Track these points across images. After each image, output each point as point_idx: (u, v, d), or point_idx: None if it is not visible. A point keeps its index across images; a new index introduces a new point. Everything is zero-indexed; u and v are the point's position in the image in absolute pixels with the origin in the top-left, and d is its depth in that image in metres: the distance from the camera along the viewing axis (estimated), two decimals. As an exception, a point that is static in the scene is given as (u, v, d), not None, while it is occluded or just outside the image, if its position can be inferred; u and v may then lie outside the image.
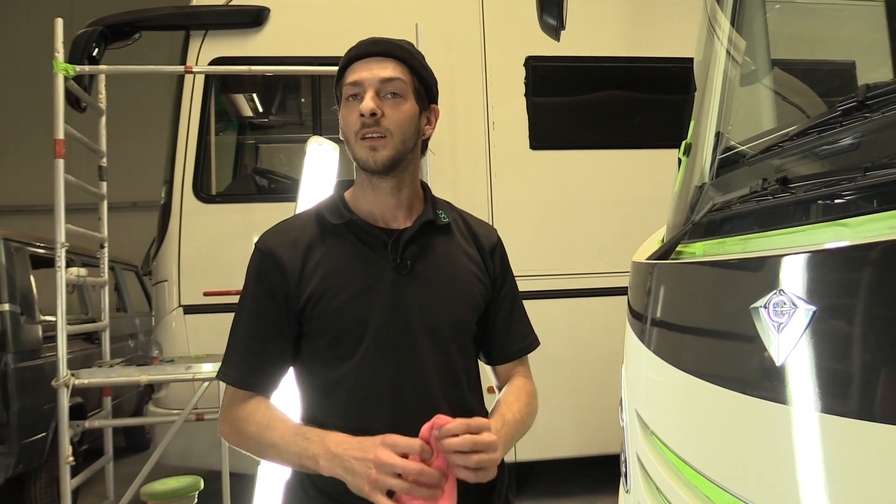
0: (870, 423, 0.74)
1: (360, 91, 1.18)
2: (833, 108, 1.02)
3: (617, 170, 4.28)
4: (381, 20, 4.17)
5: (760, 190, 1.14)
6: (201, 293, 3.88)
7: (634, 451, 1.56)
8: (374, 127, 1.17)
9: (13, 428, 3.74)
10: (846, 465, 0.77)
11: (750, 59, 1.74)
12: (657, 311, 1.46)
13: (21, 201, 9.59)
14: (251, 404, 1.20)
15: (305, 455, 1.11)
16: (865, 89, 0.95)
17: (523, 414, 1.26)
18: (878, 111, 0.95)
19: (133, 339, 6.17)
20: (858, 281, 0.81)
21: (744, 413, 0.99)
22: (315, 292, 1.18)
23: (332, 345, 1.19)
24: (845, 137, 1.01)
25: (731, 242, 1.21)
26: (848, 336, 0.80)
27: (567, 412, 4.08)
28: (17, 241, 4.19)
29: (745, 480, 0.97)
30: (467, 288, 1.26)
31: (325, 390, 1.21)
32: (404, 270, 1.20)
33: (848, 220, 0.88)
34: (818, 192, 0.99)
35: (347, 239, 1.22)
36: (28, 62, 9.45)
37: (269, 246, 1.22)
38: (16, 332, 3.88)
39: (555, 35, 2.04)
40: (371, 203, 1.25)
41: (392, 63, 1.20)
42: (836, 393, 0.80)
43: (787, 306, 0.89)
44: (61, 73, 3.25)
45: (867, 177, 0.90)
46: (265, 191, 4.47)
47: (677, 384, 1.26)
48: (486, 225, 1.40)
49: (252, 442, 1.18)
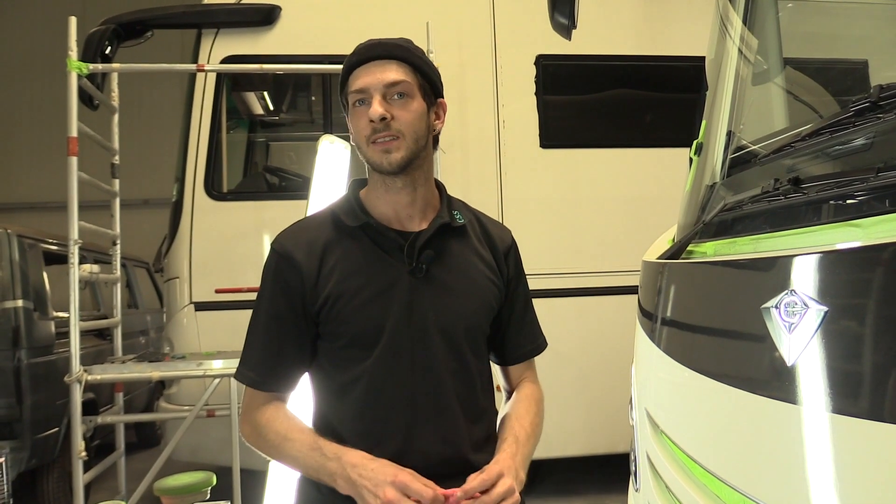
0: (880, 423, 0.74)
1: (367, 97, 1.18)
2: (846, 108, 1.02)
3: (627, 168, 4.27)
4: (392, 18, 4.17)
5: (772, 190, 1.14)
6: (212, 290, 3.90)
7: (644, 450, 1.56)
8: (386, 131, 1.17)
9: (26, 423, 3.78)
10: (855, 464, 0.77)
11: (762, 57, 1.74)
12: (667, 311, 1.46)
13: (34, 198, 9.66)
14: (270, 410, 1.22)
15: (323, 472, 1.13)
16: (879, 90, 0.95)
17: (534, 426, 1.28)
18: (892, 112, 0.95)
19: (144, 335, 6.21)
20: (870, 281, 0.81)
21: (754, 413, 0.99)
22: (332, 295, 1.19)
23: (348, 347, 1.20)
24: (858, 138, 1.01)
25: (742, 242, 1.20)
26: (859, 337, 0.80)
27: (576, 411, 4.08)
28: (30, 238, 4.23)
29: (755, 480, 0.97)
30: (481, 291, 1.27)
31: (339, 392, 1.22)
32: (420, 274, 1.21)
33: (860, 221, 0.88)
34: (830, 193, 0.99)
35: (363, 241, 1.23)
36: (41, 60, 9.54)
37: (286, 247, 1.23)
38: (29, 329, 3.92)
39: (566, 34, 2.04)
40: (385, 203, 1.25)
41: (394, 64, 1.20)
42: (846, 393, 0.80)
43: (798, 306, 0.89)
44: (75, 71, 3.28)
45: (880, 177, 0.90)
46: (276, 188, 4.49)
47: (688, 383, 1.26)
48: (501, 226, 1.40)
49: (273, 450, 1.21)
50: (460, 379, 1.19)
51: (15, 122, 10.11)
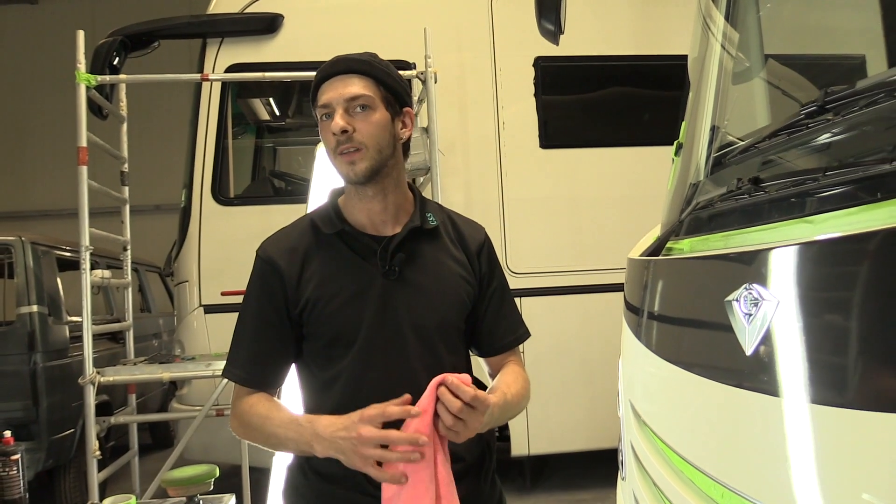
0: (829, 407, 0.78)
1: (331, 111, 1.25)
2: (797, 112, 1.07)
3: (625, 167, 4.31)
4: (390, 24, 4.23)
5: (736, 190, 1.19)
6: (220, 293, 3.97)
7: (629, 441, 1.60)
8: (348, 143, 1.24)
9: (43, 424, 3.89)
10: (806, 446, 0.81)
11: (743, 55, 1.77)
12: (647, 305, 1.50)
13: (45, 206, 9.78)
14: (253, 398, 1.29)
15: (301, 441, 1.19)
16: (824, 94, 1.00)
17: (520, 397, 1.33)
18: (839, 115, 0.99)
19: (157, 338, 6.31)
20: (820, 274, 0.85)
21: (721, 402, 1.03)
22: (311, 298, 1.27)
23: (328, 346, 1.28)
24: (809, 140, 1.06)
25: (713, 239, 1.24)
26: (809, 327, 0.84)
27: (580, 406, 4.12)
28: (44, 245, 4.33)
29: (726, 466, 1.01)
30: (453, 290, 1.33)
31: (321, 388, 1.30)
32: (393, 276, 1.27)
33: (812, 217, 0.92)
34: (786, 192, 1.03)
35: (340, 248, 1.30)
36: (52, 71, 9.67)
37: (269, 254, 1.31)
38: (44, 333, 4.03)
39: (554, 40, 2.09)
40: (360, 211, 1.32)
41: (356, 78, 1.26)
42: (799, 381, 0.84)
43: (755, 299, 0.93)
44: (83, 83, 3.36)
45: (827, 177, 0.95)
46: (282, 193, 4.57)
47: (664, 375, 1.30)
48: (474, 225, 1.45)
49: (257, 433, 1.27)
50: (434, 373, 1.23)
51: (27, 132, 10.22)
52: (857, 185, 0.86)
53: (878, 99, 0.92)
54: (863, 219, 0.79)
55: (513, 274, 4.04)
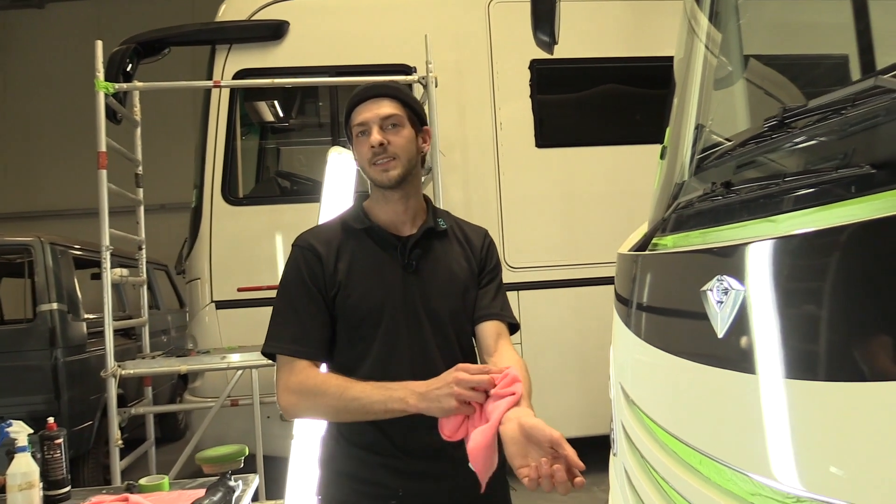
0: (793, 381, 0.88)
1: (367, 128, 1.45)
2: (760, 124, 1.21)
3: (618, 165, 4.43)
4: (392, 30, 4.36)
5: (711, 192, 1.34)
6: (232, 289, 4.11)
7: (620, 421, 1.72)
8: (384, 154, 1.44)
9: (64, 417, 4.00)
10: (777, 415, 0.91)
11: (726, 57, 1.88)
12: (636, 296, 1.62)
13: (58, 206, 9.89)
14: (311, 370, 1.42)
15: (392, 399, 1.31)
16: (783, 111, 1.15)
17: (529, 391, 1.45)
18: (796, 128, 1.14)
19: (166, 334, 6.41)
20: (782, 266, 0.96)
21: (699, 380, 1.15)
22: (342, 283, 1.45)
23: (356, 327, 1.46)
24: (772, 149, 1.19)
25: (693, 235, 1.37)
26: (774, 311, 0.94)
27: (576, 395, 4.23)
28: (61, 245, 4.44)
29: (705, 437, 1.12)
30: (460, 282, 1.53)
31: (350, 365, 1.46)
32: (411, 269, 1.48)
33: (776, 217, 1.04)
34: (753, 194, 1.16)
35: (367, 242, 1.50)
36: (62, 72, 9.77)
37: (308, 241, 1.50)
38: (64, 329, 4.16)
39: (548, 49, 2.23)
40: (384, 212, 1.52)
41: (387, 101, 1.47)
42: (764, 358, 0.95)
43: (726, 288, 1.05)
44: (102, 90, 3.48)
45: (787, 182, 1.08)
46: (288, 192, 4.69)
47: (651, 359, 1.43)
48: (477, 228, 1.66)
49: (331, 400, 1.36)
50: (446, 352, 1.45)
51: (39, 133, 10.30)
52: (812, 189, 0.98)
53: (828, 115, 1.06)
54: (817, 218, 0.91)
55: (510, 268, 4.18)
